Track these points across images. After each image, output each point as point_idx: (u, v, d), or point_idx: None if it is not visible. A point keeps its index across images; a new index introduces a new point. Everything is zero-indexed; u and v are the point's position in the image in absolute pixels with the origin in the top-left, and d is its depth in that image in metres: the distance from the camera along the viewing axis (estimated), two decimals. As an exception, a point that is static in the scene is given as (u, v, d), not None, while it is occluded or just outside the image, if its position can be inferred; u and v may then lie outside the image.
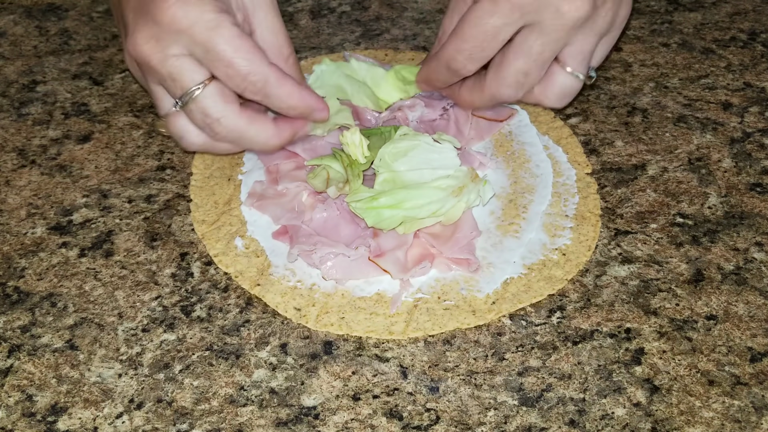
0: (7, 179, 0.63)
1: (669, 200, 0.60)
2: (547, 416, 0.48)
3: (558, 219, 0.58)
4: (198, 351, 0.51)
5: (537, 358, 0.50)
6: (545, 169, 0.62)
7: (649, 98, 0.68)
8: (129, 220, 0.59)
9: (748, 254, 0.56)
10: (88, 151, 0.65)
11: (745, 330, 0.52)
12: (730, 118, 0.66)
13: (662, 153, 0.63)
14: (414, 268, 0.54)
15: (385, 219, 0.54)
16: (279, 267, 0.56)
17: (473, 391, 0.49)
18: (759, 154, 0.63)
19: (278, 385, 0.49)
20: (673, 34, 0.74)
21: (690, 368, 0.50)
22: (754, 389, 0.49)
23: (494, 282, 0.54)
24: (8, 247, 0.58)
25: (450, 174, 0.55)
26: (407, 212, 0.54)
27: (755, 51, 0.72)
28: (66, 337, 0.52)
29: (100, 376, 0.50)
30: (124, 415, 0.48)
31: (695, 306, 0.53)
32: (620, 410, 0.48)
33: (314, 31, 0.76)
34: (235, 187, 0.61)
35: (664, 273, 0.55)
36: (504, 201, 0.59)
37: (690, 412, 0.48)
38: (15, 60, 0.74)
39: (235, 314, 0.53)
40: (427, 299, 0.53)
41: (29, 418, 0.48)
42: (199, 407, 0.48)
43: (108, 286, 0.55)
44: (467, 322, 0.52)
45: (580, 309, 0.53)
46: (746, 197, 0.60)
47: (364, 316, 0.53)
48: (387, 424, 0.47)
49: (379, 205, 0.54)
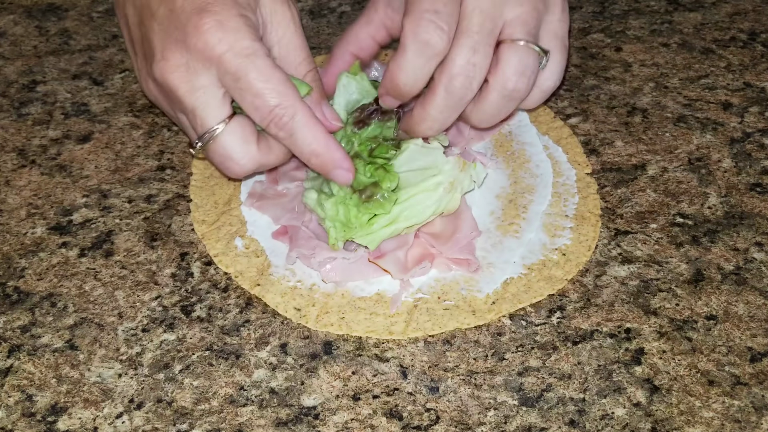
0: (7, 179, 0.63)
1: (669, 200, 0.60)
2: (547, 416, 0.48)
3: (558, 219, 0.58)
4: (198, 351, 0.51)
5: (537, 358, 0.50)
6: (545, 169, 0.62)
7: (649, 98, 0.68)
8: (129, 220, 0.59)
9: (748, 254, 0.56)
10: (88, 151, 0.65)
11: (745, 330, 0.52)
12: (730, 118, 0.66)
13: (662, 153, 0.63)
14: (414, 268, 0.54)
15: (387, 237, 0.54)
16: (279, 267, 0.56)
17: (473, 391, 0.49)
18: (759, 154, 0.63)
19: (278, 385, 0.49)
20: (673, 34, 0.74)
21: (690, 368, 0.50)
22: (754, 389, 0.49)
23: (494, 282, 0.54)
24: (8, 247, 0.58)
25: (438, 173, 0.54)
26: (405, 223, 0.53)
27: (755, 51, 0.72)
28: (66, 337, 0.52)
29: (100, 376, 0.50)
30: (124, 415, 0.48)
31: (695, 306, 0.53)
32: (620, 410, 0.48)
33: (314, 31, 0.76)
34: (235, 187, 0.61)
35: (664, 273, 0.55)
36: (504, 201, 0.59)
37: (690, 412, 0.48)
38: (15, 60, 0.74)
39: (235, 314, 0.53)
40: (427, 299, 0.53)
41: (29, 418, 0.48)
42: (199, 407, 0.48)
43: (108, 286, 0.55)
44: (467, 322, 0.52)
45: (580, 309, 0.53)
46: (746, 197, 0.60)
47: (364, 316, 0.53)
48: (387, 424, 0.47)
49: (377, 229, 0.53)
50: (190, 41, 0.49)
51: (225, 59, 0.49)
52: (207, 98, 0.50)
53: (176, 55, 0.50)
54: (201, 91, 0.50)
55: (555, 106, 0.67)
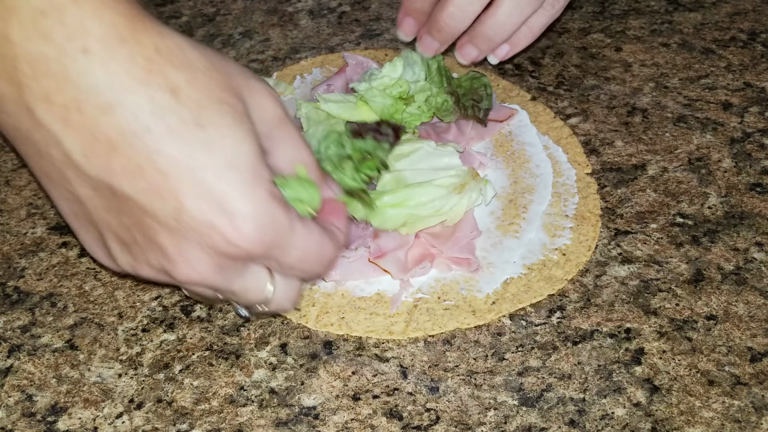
0: (7, 179, 0.63)
1: (669, 200, 0.60)
2: (547, 416, 0.48)
3: (558, 219, 0.58)
4: (198, 351, 0.51)
5: (537, 358, 0.50)
6: (545, 169, 0.62)
7: (649, 98, 0.68)
8: (129, 220, 0.59)
9: (748, 254, 0.56)
10: (88, 151, 0.64)
11: (745, 330, 0.52)
12: (730, 118, 0.66)
13: (662, 153, 0.63)
14: (414, 268, 0.54)
15: (389, 218, 0.54)
16: (279, 267, 0.56)
17: (473, 391, 0.49)
18: (759, 154, 0.63)
19: (278, 385, 0.49)
20: (673, 34, 0.74)
21: (690, 368, 0.50)
22: (754, 389, 0.49)
23: (494, 282, 0.54)
24: (8, 247, 0.58)
25: (451, 173, 0.55)
26: (410, 210, 0.54)
27: (755, 51, 0.72)
28: (66, 337, 0.52)
29: (100, 376, 0.50)
30: (124, 415, 0.48)
31: (695, 306, 0.53)
32: (620, 410, 0.48)
33: (314, 31, 0.76)
34: (235, 187, 0.61)
35: (664, 273, 0.55)
36: (504, 201, 0.59)
37: (690, 412, 0.48)
38: (15, 60, 0.73)
39: (235, 314, 0.53)
40: (427, 299, 0.53)
41: (29, 418, 0.48)
42: (199, 407, 0.48)
43: (108, 286, 0.55)
44: (467, 322, 0.52)
45: (580, 309, 0.53)
46: (746, 197, 0.60)
47: (364, 316, 0.53)
48: (387, 424, 0.47)
49: (382, 204, 0.53)
50: (221, 247, 0.40)
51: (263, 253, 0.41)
52: (244, 281, 0.43)
53: (205, 259, 0.41)
54: (237, 278, 0.43)
55: (555, 106, 0.67)
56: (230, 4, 0.80)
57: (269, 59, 0.73)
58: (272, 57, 0.73)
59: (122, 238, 0.41)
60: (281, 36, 0.76)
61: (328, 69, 0.71)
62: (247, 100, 0.41)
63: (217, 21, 0.78)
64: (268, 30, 0.76)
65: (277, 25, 0.77)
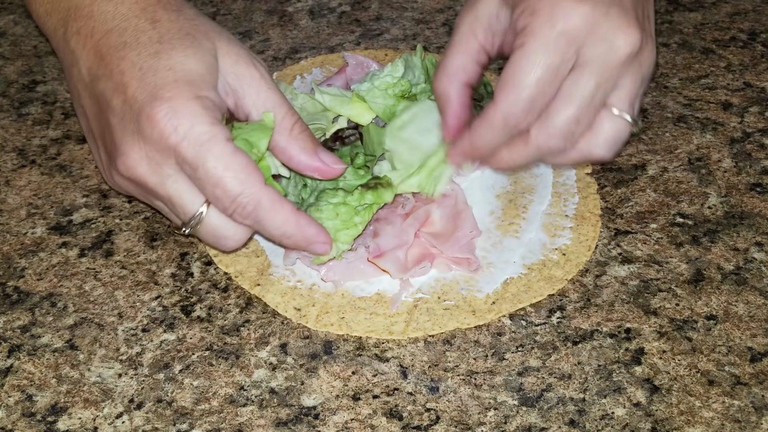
0: (7, 179, 0.63)
1: (669, 200, 0.60)
2: (547, 416, 0.48)
3: (558, 219, 0.58)
4: (198, 351, 0.51)
5: (537, 358, 0.50)
6: (545, 168, 0.62)
7: (649, 98, 0.68)
8: (129, 220, 0.59)
9: (748, 254, 0.56)
10: (88, 151, 0.64)
11: (745, 330, 0.52)
12: (730, 118, 0.66)
13: (662, 153, 0.63)
14: (414, 268, 0.54)
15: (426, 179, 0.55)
16: (279, 267, 0.56)
17: (473, 391, 0.49)
18: (759, 154, 0.63)
19: (278, 385, 0.49)
20: (673, 34, 0.74)
21: (690, 368, 0.50)
22: (754, 389, 0.49)
23: (494, 282, 0.54)
24: (8, 247, 0.58)
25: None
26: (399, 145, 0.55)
27: (755, 51, 0.72)
28: (66, 337, 0.52)
29: (100, 376, 0.50)
30: (124, 415, 0.48)
31: (695, 306, 0.53)
32: (620, 410, 0.48)
33: (314, 31, 0.76)
34: (235, 187, 0.61)
35: (664, 273, 0.55)
36: (504, 201, 0.59)
37: (690, 412, 0.48)
38: (15, 60, 0.74)
39: (235, 314, 0.53)
40: (427, 299, 0.53)
41: (29, 418, 0.48)
42: (199, 407, 0.48)
43: (108, 286, 0.55)
44: (467, 322, 0.52)
45: (580, 309, 0.53)
46: (746, 197, 0.60)
47: (364, 316, 0.53)
48: (387, 424, 0.47)
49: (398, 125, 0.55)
50: (145, 132, 0.47)
51: (181, 149, 0.46)
52: (179, 186, 0.48)
53: (135, 148, 0.47)
54: (170, 180, 0.48)
55: (555, 106, 0.67)
56: (230, 4, 0.80)
57: (269, 59, 0.73)
58: (272, 57, 0.73)
59: (103, 142, 0.50)
60: (281, 36, 0.76)
61: (328, 69, 0.71)
62: (219, 46, 0.50)
63: (217, 21, 0.78)
64: (268, 30, 0.76)
65: (277, 25, 0.77)
